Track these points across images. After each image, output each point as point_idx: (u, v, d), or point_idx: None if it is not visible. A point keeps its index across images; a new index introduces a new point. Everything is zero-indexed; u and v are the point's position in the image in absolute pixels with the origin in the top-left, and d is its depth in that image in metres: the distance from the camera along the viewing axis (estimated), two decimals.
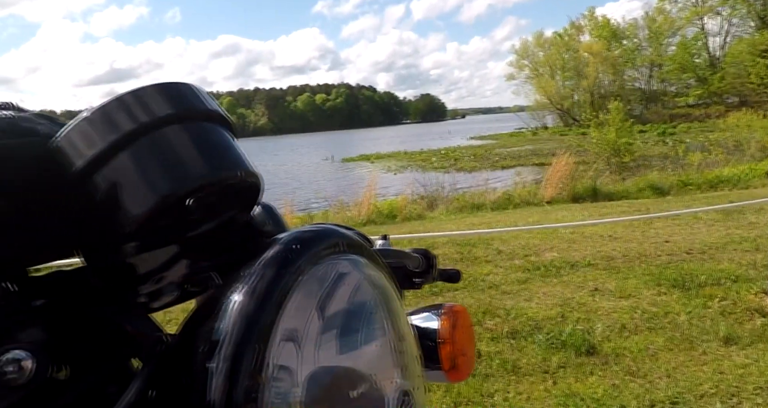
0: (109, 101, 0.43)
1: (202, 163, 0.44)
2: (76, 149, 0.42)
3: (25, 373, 0.35)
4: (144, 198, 0.42)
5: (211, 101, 0.48)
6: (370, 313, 0.45)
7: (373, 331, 0.44)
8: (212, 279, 0.56)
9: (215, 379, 0.35)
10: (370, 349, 0.44)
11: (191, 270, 0.55)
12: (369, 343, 0.44)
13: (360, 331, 0.43)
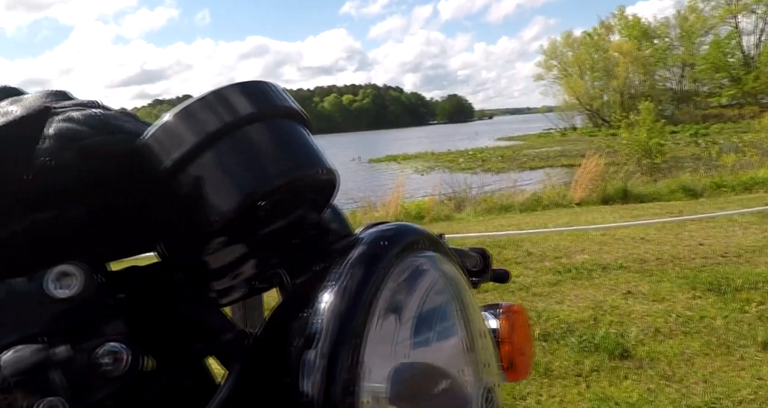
0: (194, 101, 0.44)
1: (285, 161, 0.45)
2: (163, 148, 0.43)
3: (121, 365, 0.36)
4: (229, 196, 0.43)
5: (288, 98, 0.48)
6: (451, 310, 0.45)
7: (454, 327, 0.45)
8: (281, 276, 0.56)
9: (313, 376, 0.36)
10: (454, 346, 0.44)
11: (261, 267, 0.56)
12: (451, 340, 0.44)
13: (442, 328, 0.44)
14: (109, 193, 0.44)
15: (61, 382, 0.33)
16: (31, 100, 0.49)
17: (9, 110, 0.48)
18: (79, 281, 0.38)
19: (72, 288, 0.38)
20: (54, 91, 0.50)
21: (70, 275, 0.38)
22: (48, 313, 0.37)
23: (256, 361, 0.41)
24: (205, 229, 0.44)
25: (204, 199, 0.43)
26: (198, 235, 0.45)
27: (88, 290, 0.38)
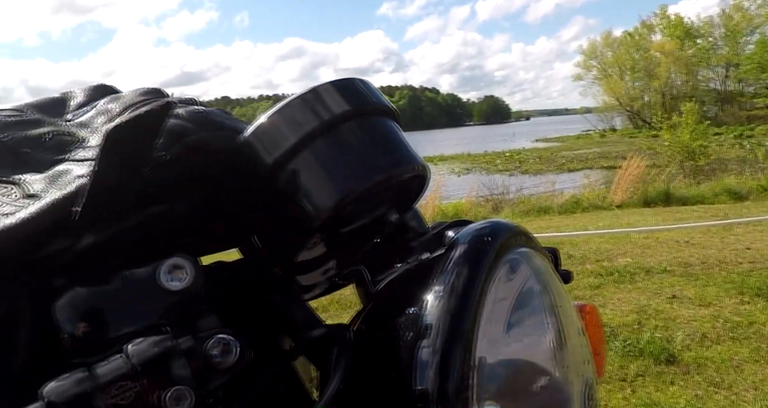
0: (292, 99, 0.45)
1: (382, 158, 0.46)
2: (263, 146, 0.44)
3: (230, 357, 0.38)
4: (328, 194, 0.44)
5: (381, 95, 0.49)
6: (549, 307, 0.46)
7: (553, 324, 0.45)
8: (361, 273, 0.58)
9: (426, 372, 0.37)
10: (555, 342, 0.45)
11: (344, 263, 0.57)
12: (551, 336, 0.45)
13: (542, 324, 0.45)
14: (210, 188, 0.46)
15: (186, 372, 0.35)
16: (131, 97, 0.51)
17: (109, 108, 0.50)
18: (189, 274, 0.40)
19: (183, 280, 0.40)
20: (150, 88, 0.53)
21: (181, 268, 0.40)
22: (161, 305, 0.39)
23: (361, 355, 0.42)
24: (304, 225, 0.45)
25: (303, 197, 0.44)
26: (296, 231, 0.46)
27: (198, 283, 0.40)
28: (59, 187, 0.41)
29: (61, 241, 0.38)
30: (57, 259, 0.38)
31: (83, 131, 0.49)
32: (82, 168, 0.42)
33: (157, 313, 0.39)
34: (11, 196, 0.42)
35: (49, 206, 0.38)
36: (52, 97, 0.53)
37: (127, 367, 0.34)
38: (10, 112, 0.49)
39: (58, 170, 0.43)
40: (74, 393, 0.32)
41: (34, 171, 0.45)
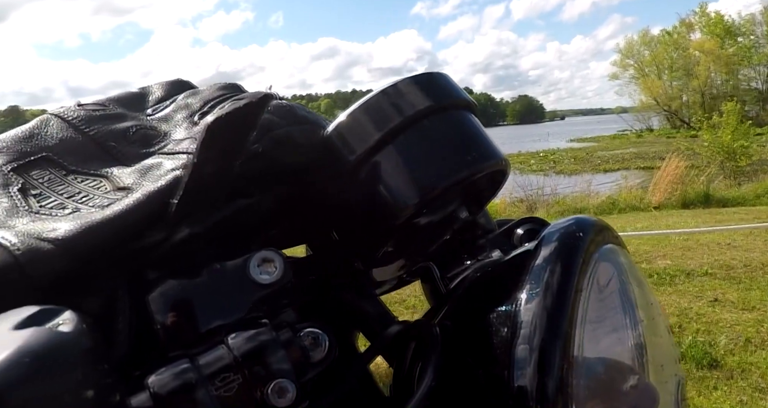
0: (375, 95, 0.45)
1: (466, 153, 0.46)
2: (347, 141, 0.45)
3: (321, 350, 0.38)
4: (412, 190, 0.44)
5: (460, 89, 0.49)
6: (639, 304, 0.45)
7: (645, 321, 0.45)
8: (430, 269, 0.58)
9: (524, 370, 0.36)
10: (646, 340, 0.44)
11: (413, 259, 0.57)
12: (642, 334, 0.44)
13: (633, 322, 0.44)
14: (293, 182, 0.46)
15: (287, 365, 0.35)
16: (210, 92, 0.52)
17: (189, 103, 0.51)
18: (278, 268, 0.40)
19: (272, 274, 0.40)
20: (227, 83, 0.53)
21: (271, 261, 0.40)
22: (251, 298, 0.39)
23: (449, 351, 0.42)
24: (387, 221, 0.45)
25: (386, 192, 0.44)
26: (378, 227, 0.46)
27: (286, 277, 0.40)
28: (152, 180, 0.41)
29: (156, 233, 0.38)
30: (152, 252, 0.39)
31: (165, 125, 0.50)
32: (173, 161, 0.43)
33: (247, 306, 0.39)
34: (101, 189, 0.43)
35: (146, 198, 0.38)
36: (131, 91, 0.54)
37: (230, 358, 0.34)
38: (95, 107, 0.50)
39: (147, 164, 0.44)
40: (178, 384, 0.33)
41: (122, 164, 0.46)
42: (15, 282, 0.33)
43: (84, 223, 0.36)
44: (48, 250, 0.34)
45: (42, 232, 0.36)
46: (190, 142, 0.44)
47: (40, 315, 0.27)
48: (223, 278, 0.39)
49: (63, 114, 0.48)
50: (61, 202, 0.41)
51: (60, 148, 0.46)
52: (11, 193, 0.41)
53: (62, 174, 0.44)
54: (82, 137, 0.47)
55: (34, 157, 0.44)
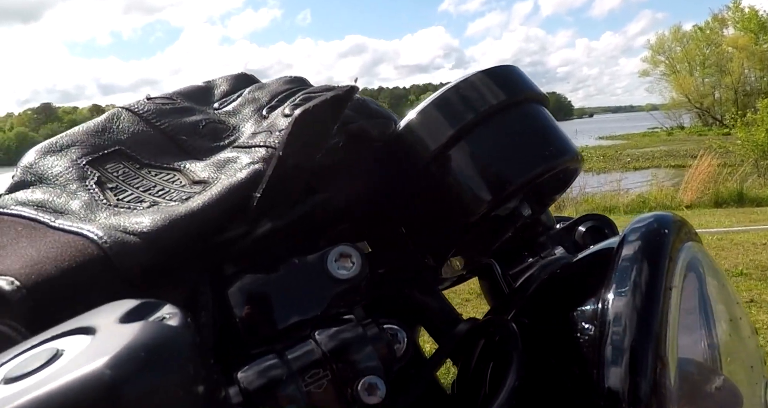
0: (448, 89, 0.45)
1: (543, 147, 0.45)
2: (420, 136, 0.44)
3: (402, 347, 0.37)
4: (489, 186, 0.43)
5: (533, 82, 0.48)
6: (725, 303, 0.44)
7: (731, 321, 0.44)
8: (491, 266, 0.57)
9: (615, 369, 0.35)
10: (733, 339, 0.43)
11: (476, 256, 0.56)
12: (729, 333, 0.43)
13: (719, 321, 0.43)
14: (364, 176, 0.45)
15: (375, 361, 0.34)
16: (276, 86, 0.52)
17: (256, 96, 0.51)
18: (357, 263, 0.39)
19: (350, 269, 0.39)
20: (293, 77, 0.53)
21: (348, 256, 0.39)
22: (329, 293, 0.39)
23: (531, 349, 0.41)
24: (463, 218, 0.44)
25: (462, 188, 0.44)
26: (453, 223, 0.46)
27: (363, 272, 0.39)
28: (230, 173, 0.41)
29: (237, 227, 0.38)
30: (232, 246, 0.39)
31: (233, 119, 0.50)
32: (250, 155, 0.42)
33: (326, 301, 0.38)
34: (176, 182, 0.43)
35: (227, 191, 0.38)
36: (197, 85, 0.54)
37: (319, 353, 0.34)
38: (164, 100, 0.50)
39: (223, 157, 0.44)
40: (269, 379, 0.32)
41: (193, 158, 0.46)
42: (103, 275, 0.33)
43: (168, 216, 0.36)
44: (134, 243, 0.34)
45: (127, 225, 0.36)
46: (266, 135, 0.43)
47: (142, 308, 0.26)
48: (302, 273, 0.39)
49: (134, 108, 0.48)
50: (138, 196, 0.41)
51: (132, 141, 0.46)
52: (88, 186, 0.41)
53: (136, 167, 0.44)
54: (153, 131, 0.47)
55: (107, 151, 0.45)
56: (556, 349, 0.40)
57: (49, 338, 0.27)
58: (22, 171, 0.43)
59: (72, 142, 0.45)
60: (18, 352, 0.26)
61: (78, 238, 0.35)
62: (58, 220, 0.38)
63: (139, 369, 0.22)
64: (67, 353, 0.24)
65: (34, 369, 0.24)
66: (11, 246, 0.37)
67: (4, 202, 0.41)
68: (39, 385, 0.22)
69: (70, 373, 0.21)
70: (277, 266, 0.39)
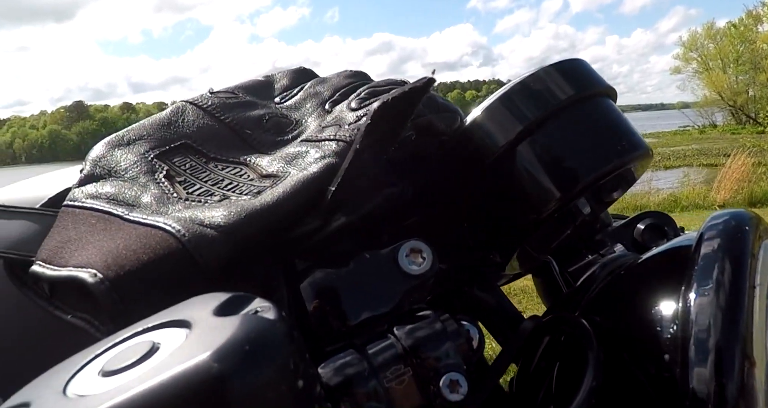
0: (516, 84, 0.44)
1: (615, 142, 0.44)
2: (488, 131, 0.43)
3: (474, 344, 0.37)
4: (558, 182, 0.42)
5: (601, 76, 0.47)
6: None
7: None
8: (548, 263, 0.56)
9: (702, 370, 0.34)
10: None
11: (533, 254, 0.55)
12: None
13: None
14: (431, 171, 0.45)
15: (456, 357, 0.34)
16: (338, 80, 0.51)
17: (318, 91, 0.51)
18: (428, 258, 0.39)
19: (421, 265, 0.39)
20: (355, 71, 0.53)
21: (419, 252, 0.39)
22: (401, 289, 0.38)
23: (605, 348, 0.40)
24: (533, 214, 0.44)
25: (532, 184, 0.43)
26: (522, 219, 0.45)
27: (434, 268, 0.39)
28: (301, 167, 0.41)
29: (311, 221, 0.38)
30: (306, 240, 0.38)
31: (295, 113, 0.49)
32: (320, 149, 0.42)
33: (398, 296, 0.38)
34: (244, 176, 0.42)
35: (301, 185, 0.38)
36: (257, 79, 0.54)
37: (399, 348, 0.33)
38: (227, 95, 0.50)
39: (291, 151, 0.43)
40: (350, 374, 0.32)
41: (258, 152, 0.45)
42: (183, 268, 0.33)
43: (244, 210, 0.36)
44: (213, 236, 0.34)
45: (203, 218, 0.35)
46: (335, 129, 0.43)
47: (235, 302, 0.26)
48: (373, 268, 0.38)
49: (198, 101, 0.48)
50: (207, 189, 0.41)
51: (198, 135, 0.46)
52: (158, 179, 0.41)
53: (203, 161, 0.44)
54: (218, 124, 0.47)
55: (174, 144, 0.45)
56: (630, 349, 0.39)
57: (141, 331, 0.26)
58: (91, 165, 0.43)
59: (139, 135, 0.45)
60: (109, 345, 0.26)
61: (156, 231, 0.35)
62: (132, 213, 0.38)
63: (245, 362, 0.21)
64: (165, 346, 0.24)
65: (133, 362, 0.23)
66: (86, 239, 0.37)
67: (75, 195, 0.41)
68: (145, 378, 0.21)
69: (176, 366, 0.21)
70: (347, 261, 0.39)
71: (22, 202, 0.46)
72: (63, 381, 0.24)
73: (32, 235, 0.41)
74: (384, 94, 0.43)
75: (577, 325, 0.41)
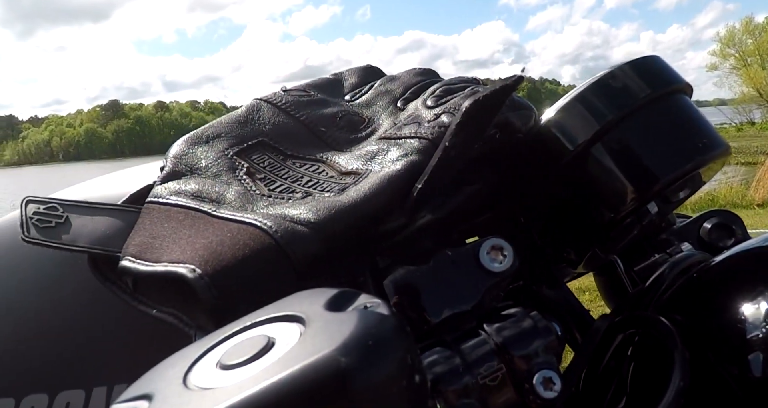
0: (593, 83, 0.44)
1: (695, 140, 0.43)
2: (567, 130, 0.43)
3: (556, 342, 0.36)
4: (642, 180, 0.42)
5: (677, 72, 0.47)
6: None
7: None
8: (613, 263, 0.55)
9: None
10: None
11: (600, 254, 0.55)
12: None
13: None
14: (504, 169, 0.45)
15: (549, 354, 0.34)
16: (408, 78, 0.51)
17: (389, 89, 0.51)
18: (509, 256, 0.39)
19: (502, 262, 0.39)
20: (424, 68, 0.53)
21: (500, 249, 0.39)
22: (484, 286, 0.38)
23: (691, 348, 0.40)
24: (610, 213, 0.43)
25: (610, 183, 0.43)
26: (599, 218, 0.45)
27: (515, 266, 0.39)
28: (382, 165, 0.41)
29: (396, 218, 0.38)
30: (389, 238, 0.39)
31: (367, 111, 0.50)
32: (401, 146, 0.42)
33: (480, 294, 0.38)
34: (323, 173, 0.43)
35: (387, 183, 0.38)
36: (326, 77, 0.54)
37: (492, 345, 0.33)
38: (299, 93, 0.50)
39: (370, 149, 0.44)
40: (442, 371, 0.32)
41: (334, 149, 0.46)
42: (276, 264, 0.34)
43: (332, 207, 0.36)
44: (304, 232, 0.35)
45: (293, 215, 0.36)
46: (415, 127, 0.43)
47: (343, 297, 0.26)
48: (455, 265, 0.38)
49: (272, 99, 0.48)
50: (288, 186, 0.41)
51: (274, 132, 0.46)
52: (239, 176, 0.42)
53: (280, 158, 0.44)
54: (293, 122, 0.47)
55: (251, 142, 0.45)
56: (715, 349, 0.39)
57: (250, 325, 0.27)
58: (172, 162, 0.44)
59: (217, 133, 0.46)
60: (219, 338, 0.27)
61: (247, 227, 0.35)
62: (219, 210, 0.38)
63: (370, 357, 0.22)
64: (281, 341, 0.24)
65: (252, 356, 0.24)
66: (176, 235, 0.38)
67: (159, 192, 0.42)
68: (271, 371, 0.22)
69: (302, 361, 0.22)
70: (428, 258, 0.39)
71: (103, 198, 0.47)
72: (181, 373, 0.25)
73: (115, 230, 0.42)
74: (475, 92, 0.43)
75: (658, 324, 0.41)
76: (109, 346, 0.46)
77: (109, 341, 0.46)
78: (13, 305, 0.48)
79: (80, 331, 0.47)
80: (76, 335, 0.47)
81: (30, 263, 0.49)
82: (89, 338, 0.46)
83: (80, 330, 0.47)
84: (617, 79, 0.44)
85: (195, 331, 0.37)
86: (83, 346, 0.46)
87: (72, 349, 0.46)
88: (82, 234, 0.42)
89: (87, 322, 0.47)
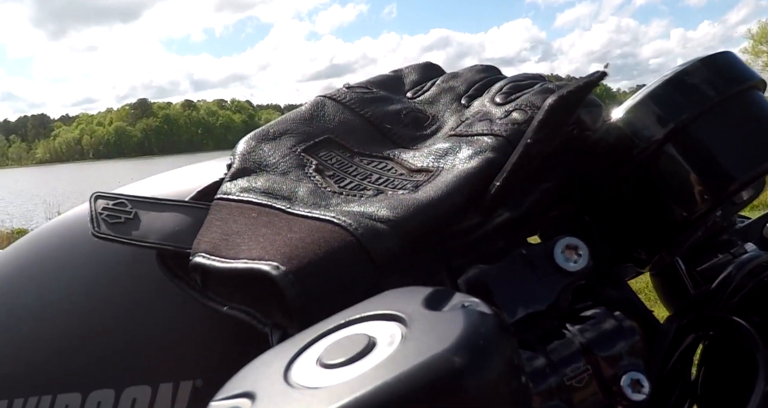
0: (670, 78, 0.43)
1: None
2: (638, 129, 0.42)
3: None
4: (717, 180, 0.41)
5: (751, 68, 0.45)
6: None
7: None
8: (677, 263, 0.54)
9: None
10: None
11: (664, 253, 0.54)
12: None
13: None
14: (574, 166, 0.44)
15: (635, 356, 0.33)
16: (470, 75, 0.51)
17: (452, 86, 0.50)
18: (584, 255, 0.38)
19: (577, 261, 0.38)
20: (486, 65, 0.52)
21: (575, 248, 0.38)
22: (559, 285, 0.38)
23: None
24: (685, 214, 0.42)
25: (684, 183, 0.42)
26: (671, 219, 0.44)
27: (590, 265, 0.38)
28: (455, 162, 0.40)
29: (472, 216, 0.38)
30: (464, 236, 0.38)
31: (431, 108, 0.49)
32: (473, 143, 0.41)
33: (555, 294, 0.37)
34: (392, 171, 0.42)
35: (463, 180, 0.38)
36: (386, 74, 0.54)
37: (578, 346, 0.33)
38: (363, 90, 0.50)
39: (440, 147, 0.43)
40: (528, 371, 0.31)
41: (401, 147, 0.45)
42: (357, 261, 0.34)
43: (409, 204, 0.36)
44: (384, 230, 0.34)
45: (371, 212, 0.36)
46: (487, 124, 0.42)
47: (440, 296, 0.26)
48: (529, 264, 0.38)
49: (336, 96, 0.48)
50: (358, 184, 0.41)
51: (340, 129, 0.46)
52: (309, 173, 0.42)
53: (347, 155, 0.44)
54: (358, 119, 0.47)
55: (318, 139, 0.45)
56: None
57: (344, 323, 0.27)
58: (240, 159, 0.44)
59: (283, 130, 0.45)
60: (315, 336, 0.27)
61: (326, 225, 0.35)
62: (294, 207, 0.38)
63: (482, 357, 0.21)
64: (382, 340, 0.24)
65: (355, 355, 0.23)
66: (251, 232, 0.38)
67: (229, 189, 0.42)
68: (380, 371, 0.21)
69: (413, 361, 0.21)
70: (502, 257, 0.38)
71: (168, 195, 0.47)
72: (281, 371, 0.24)
73: (184, 227, 0.42)
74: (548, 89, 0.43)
75: (737, 326, 0.40)
76: (175, 342, 0.46)
77: (174, 338, 0.46)
78: (80, 300, 0.48)
79: (146, 327, 0.47)
80: (141, 331, 0.47)
81: (94, 259, 0.50)
82: (154, 334, 0.46)
83: (146, 326, 0.47)
84: (692, 76, 0.43)
85: (270, 328, 0.36)
86: (149, 342, 0.47)
87: (138, 344, 0.47)
88: (152, 230, 0.42)
89: (153, 318, 0.47)
